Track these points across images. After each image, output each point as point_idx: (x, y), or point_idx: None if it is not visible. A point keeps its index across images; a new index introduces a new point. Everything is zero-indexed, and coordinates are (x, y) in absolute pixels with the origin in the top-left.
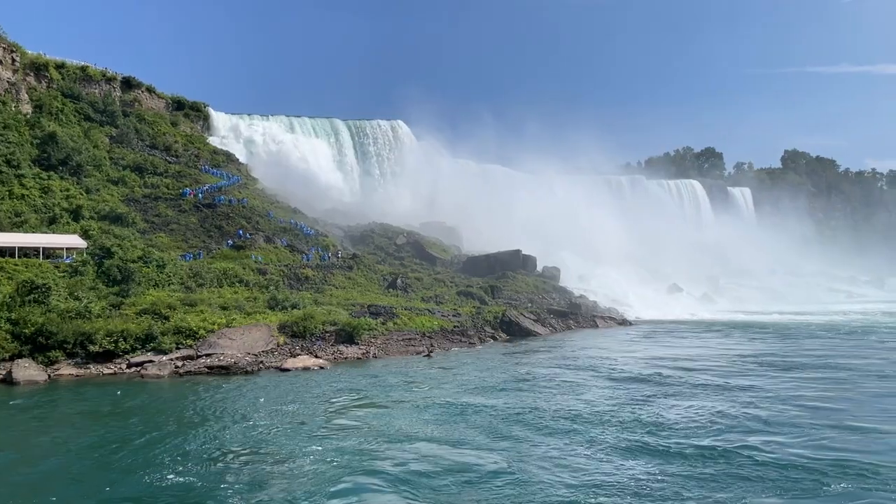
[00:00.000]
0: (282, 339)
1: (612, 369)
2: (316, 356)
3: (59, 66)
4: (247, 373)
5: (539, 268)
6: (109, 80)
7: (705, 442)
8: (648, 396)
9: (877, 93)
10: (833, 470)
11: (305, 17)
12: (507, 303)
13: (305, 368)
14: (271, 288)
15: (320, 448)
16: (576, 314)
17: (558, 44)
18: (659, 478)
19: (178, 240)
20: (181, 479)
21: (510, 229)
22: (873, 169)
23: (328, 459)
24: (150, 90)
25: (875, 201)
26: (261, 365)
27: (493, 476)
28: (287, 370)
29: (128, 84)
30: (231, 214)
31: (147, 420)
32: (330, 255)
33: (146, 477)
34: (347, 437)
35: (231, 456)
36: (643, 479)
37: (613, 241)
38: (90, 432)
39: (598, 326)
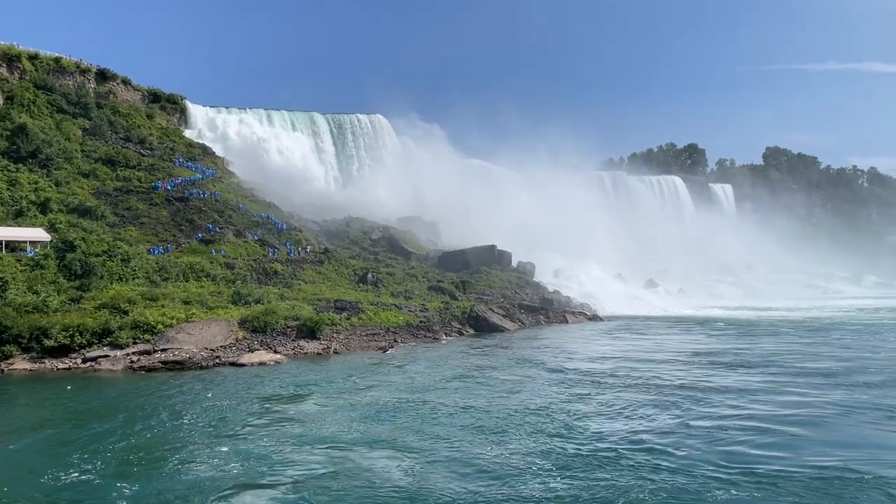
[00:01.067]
0: (241, 334)
1: (559, 366)
2: (275, 351)
3: (33, 58)
4: (201, 368)
5: (514, 263)
6: (84, 71)
7: (605, 444)
8: (580, 395)
9: (863, 91)
10: (716, 476)
11: (286, 11)
12: (479, 298)
13: (261, 364)
14: (238, 282)
15: (226, 450)
16: (546, 309)
17: (545, 41)
18: (554, 480)
19: (149, 233)
20: (69, 480)
21: (490, 225)
22: (854, 166)
23: (228, 463)
24: (125, 82)
25: (856, 198)
26: (217, 360)
27: (392, 481)
28: (243, 365)
29: (102, 76)
30: (203, 208)
31: (80, 416)
32: (299, 249)
33: (41, 476)
34: (262, 438)
35: (136, 455)
36: (540, 483)
37: (593, 237)
38: (17, 429)
39: (567, 322)
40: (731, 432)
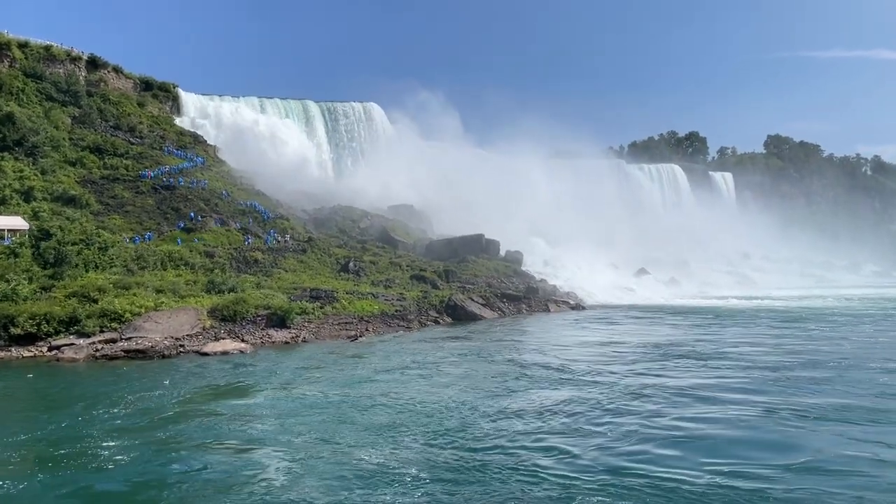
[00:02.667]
0: (208, 323)
1: (510, 358)
2: (242, 340)
3: (23, 46)
4: (163, 357)
5: (502, 252)
6: (74, 59)
7: (500, 445)
8: (510, 390)
9: (870, 78)
10: (604, 485)
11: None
12: (462, 287)
13: (224, 353)
14: (216, 271)
15: (113, 445)
16: (529, 298)
17: (545, 27)
18: (420, 487)
19: (133, 222)
20: None
21: (483, 214)
22: (858, 154)
23: (112, 460)
24: (116, 70)
25: (859, 186)
26: (181, 349)
27: (261, 480)
28: (206, 354)
29: (93, 64)
30: (190, 197)
31: (23, 405)
32: (283, 237)
33: None
34: (163, 432)
35: (38, 447)
36: (402, 489)
37: (587, 226)
38: None
39: (549, 311)
40: (640, 435)
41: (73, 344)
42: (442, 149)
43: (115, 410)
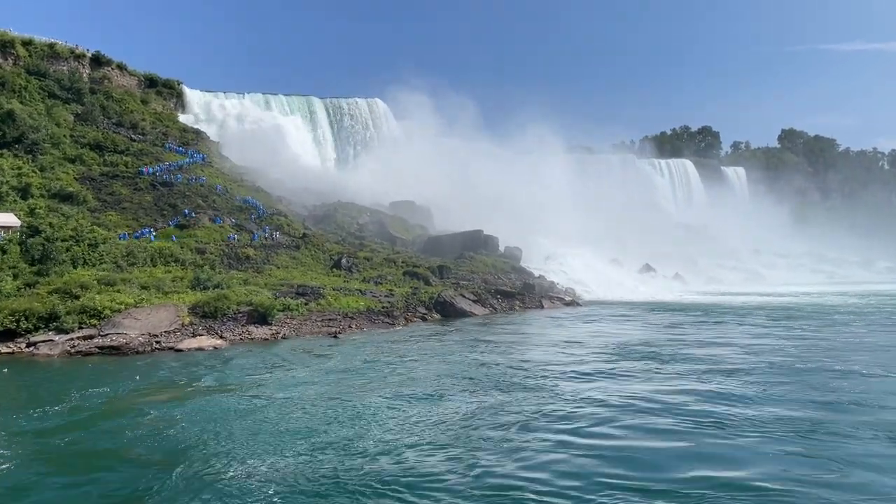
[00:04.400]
0: (188, 320)
1: (475, 359)
2: (221, 337)
3: (27, 44)
4: (138, 353)
5: (502, 248)
6: (78, 57)
7: (382, 456)
8: (444, 396)
9: (889, 70)
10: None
11: None
12: (456, 283)
13: (200, 349)
14: (205, 268)
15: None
16: (523, 295)
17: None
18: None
19: (129, 218)
20: None
21: (487, 209)
22: (874, 148)
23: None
24: (120, 67)
25: (875, 181)
26: (156, 345)
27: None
28: (181, 351)
29: (97, 61)
30: (188, 193)
31: None
32: (264, 235)
33: None
34: (65, 437)
35: None
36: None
37: (595, 221)
38: None
39: (543, 307)
40: (533, 450)
41: (50, 340)
42: (448, 145)
43: (41, 409)
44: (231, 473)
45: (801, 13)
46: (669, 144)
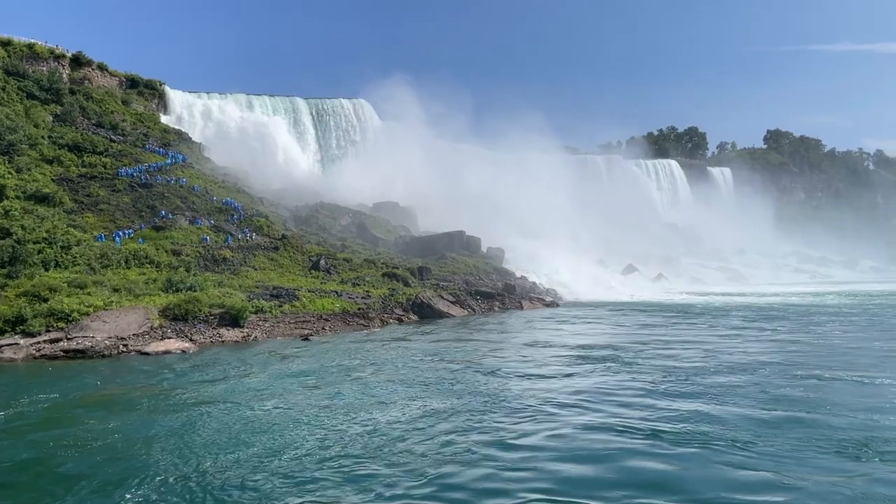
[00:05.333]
0: (157, 322)
1: (432, 362)
2: (191, 339)
3: (5, 44)
4: (104, 356)
5: (484, 248)
6: (58, 57)
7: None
8: (387, 402)
9: (876, 72)
10: None
11: None
12: (436, 284)
13: (166, 352)
14: (181, 269)
15: None
16: (503, 296)
17: (547, 24)
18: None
19: (106, 220)
20: None
21: (472, 209)
22: (860, 149)
23: None
24: (101, 68)
25: (861, 181)
26: (123, 349)
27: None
28: (148, 354)
29: (77, 62)
30: (167, 195)
31: None
32: (237, 236)
33: None
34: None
35: None
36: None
37: (580, 222)
38: None
39: (522, 308)
40: (466, 461)
41: (15, 344)
42: (433, 146)
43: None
44: (132, 492)
45: (788, 14)
46: (656, 145)
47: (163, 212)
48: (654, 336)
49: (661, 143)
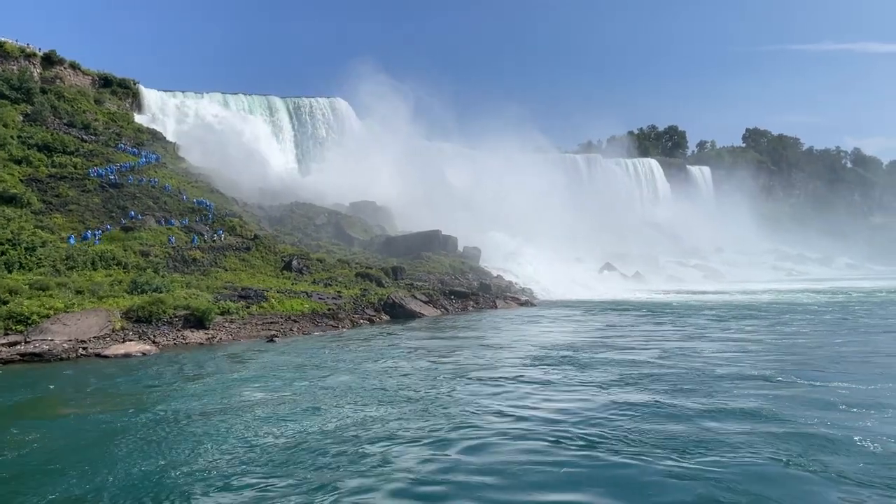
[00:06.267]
0: (118, 325)
1: (383, 365)
2: (153, 342)
3: None
4: (62, 360)
5: (461, 247)
6: (29, 56)
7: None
8: (319, 409)
9: (857, 71)
10: None
11: None
12: (410, 284)
13: (126, 355)
14: (149, 271)
15: None
16: (477, 295)
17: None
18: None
19: (75, 221)
20: None
21: (449, 209)
22: (838, 147)
23: None
24: (73, 66)
25: (839, 179)
26: (82, 352)
27: None
28: (107, 357)
29: (49, 60)
30: (138, 195)
31: None
32: (226, 235)
33: None
34: None
35: None
36: None
37: (560, 221)
38: None
39: (496, 308)
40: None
41: None
42: (411, 144)
43: None
44: None
45: (770, 13)
46: (636, 144)
47: (132, 212)
48: (616, 336)
49: (642, 143)
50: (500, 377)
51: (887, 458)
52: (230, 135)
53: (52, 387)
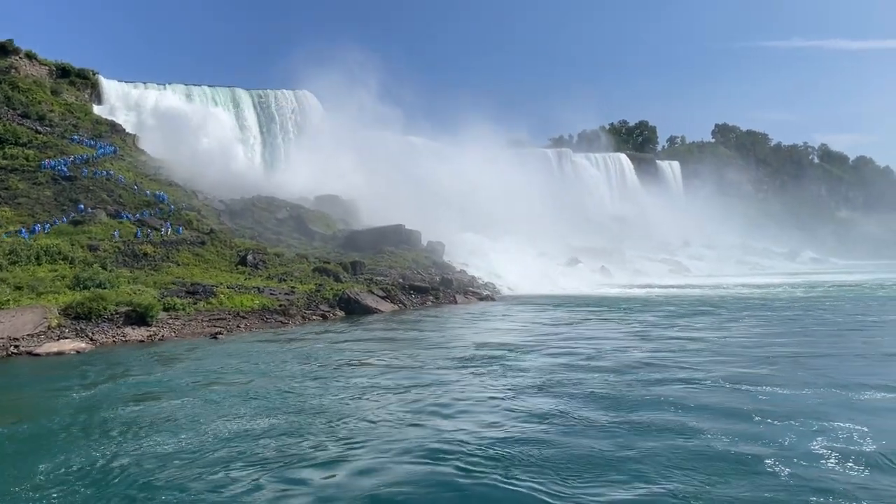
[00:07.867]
0: (55, 322)
1: (309, 368)
2: (91, 339)
3: None
4: None
5: (424, 242)
6: None
7: None
8: (231, 415)
9: (826, 68)
10: None
11: None
12: (370, 279)
13: (59, 353)
14: (96, 266)
15: None
16: (437, 290)
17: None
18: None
19: (24, 214)
20: None
21: (415, 203)
22: (805, 143)
23: None
24: (30, 56)
25: (806, 175)
26: (14, 350)
27: None
28: (38, 355)
29: (4, 49)
30: (92, 188)
31: None
32: (181, 229)
33: None
34: None
35: None
36: None
37: (527, 215)
38: None
39: (456, 303)
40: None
41: None
42: (378, 138)
43: None
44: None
45: (740, 10)
46: (607, 138)
47: (82, 206)
48: (555, 336)
49: (613, 137)
50: (414, 384)
51: (795, 489)
52: (193, 127)
53: None
